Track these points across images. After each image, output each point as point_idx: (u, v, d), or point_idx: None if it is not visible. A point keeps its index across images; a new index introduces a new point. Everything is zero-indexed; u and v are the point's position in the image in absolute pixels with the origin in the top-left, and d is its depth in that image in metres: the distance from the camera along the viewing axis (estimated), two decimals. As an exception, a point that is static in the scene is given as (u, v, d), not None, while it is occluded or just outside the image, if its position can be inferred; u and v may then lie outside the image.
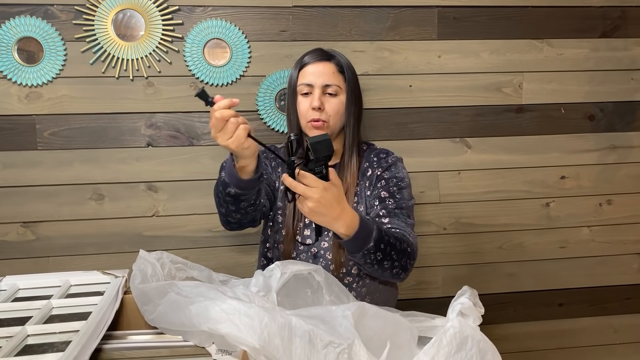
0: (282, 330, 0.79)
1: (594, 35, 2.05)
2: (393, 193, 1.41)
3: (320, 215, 1.10)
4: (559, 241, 2.11)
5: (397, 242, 1.24)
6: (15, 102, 1.81)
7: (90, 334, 0.80)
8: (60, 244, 1.87)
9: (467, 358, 0.93)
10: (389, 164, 1.49)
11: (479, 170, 2.04)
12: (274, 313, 0.81)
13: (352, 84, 1.49)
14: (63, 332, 0.86)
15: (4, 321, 0.93)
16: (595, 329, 2.17)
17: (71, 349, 0.74)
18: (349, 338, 0.81)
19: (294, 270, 1.04)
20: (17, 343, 0.81)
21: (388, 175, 1.46)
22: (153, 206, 1.90)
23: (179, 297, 0.86)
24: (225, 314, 0.80)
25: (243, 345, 0.78)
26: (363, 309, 0.92)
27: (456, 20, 1.98)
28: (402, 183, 1.45)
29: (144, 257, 1.04)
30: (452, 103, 2.00)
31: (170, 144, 1.89)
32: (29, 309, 0.97)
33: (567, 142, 2.07)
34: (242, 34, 1.88)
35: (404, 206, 1.39)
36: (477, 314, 1.04)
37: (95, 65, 1.83)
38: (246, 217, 1.35)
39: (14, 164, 1.82)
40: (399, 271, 1.27)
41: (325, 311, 0.90)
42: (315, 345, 0.79)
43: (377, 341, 0.90)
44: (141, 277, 0.96)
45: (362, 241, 1.17)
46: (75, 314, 0.95)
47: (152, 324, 0.92)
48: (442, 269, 2.06)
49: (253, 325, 0.78)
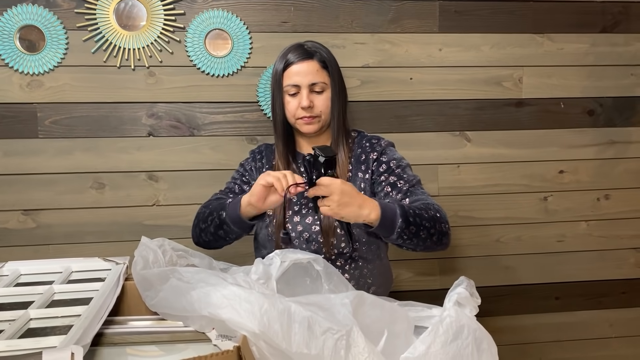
0: (282, 316, 0.80)
1: (595, 30, 2.05)
2: (400, 175, 1.45)
3: (348, 206, 1.17)
4: (557, 235, 2.13)
5: (422, 212, 1.28)
6: (16, 90, 1.81)
7: (92, 319, 0.81)
8: (61, 232, 1.88)
9: (463, 347, 0.94)
10: (383, 147, 1.52)
11: (478, 163, 2.05)
12: (274, 299, 0.82)
13: (336, 77, 1.51)
14: (65, 316, 0.87)
15: (7, 305, 0.94)
16: (591, 323, 2.19)
17: (73, 332, 0.75)
18: (348, 325, 0.82)
19: (293, 259, 1.05)
20: (20, 326, 0.82)
21: (386, 159, 1.49)
22: (153, 195, 1.91)
23: (181, 283, 0.87)
24: (226, 300, 0.81)
25: (243, 330, 0.79)
26: (362, 297, 0.93)
27: (457, 13, 1.98)
28: (402, 163, 1.49)
29: (146, 244, 1.05)
30: (452, 96, 2.01)
31: (171, 134, 1.90)
32: (32, 294, 0.98)
33: (566, 136, 2.08)
34: (244, 24, 1.88)
35: (414, 183, 1.44)
36: (473, 304, 1.05)
37: (96, 55, 1.84)
38: (218, 244, 1.48)
39: (15, 152, 1.83)
40: (439, 237, 1.31)
41: (324, 299, 0.91)
42: (314, 332, 0.80)
43: (375, 329, 0.91)
44: (143, 263, 0.97)
45: (391, 220, 1.23)
46: (77, 299, 0.97)
47: (153, 310, 0.93)
48: (440, 261, 2.08)
49: (253, 311, 0.79)
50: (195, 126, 1.91)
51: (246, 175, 1.59)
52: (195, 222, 1.49)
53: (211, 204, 1.47)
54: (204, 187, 1.92)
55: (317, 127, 1.48)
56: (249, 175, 1.59)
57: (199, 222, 1.46)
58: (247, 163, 1.62)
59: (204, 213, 1.45)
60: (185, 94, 1.89)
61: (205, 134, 1.92)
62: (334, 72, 1.50)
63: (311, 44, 1.53)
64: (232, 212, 1.34)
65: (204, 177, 1.92)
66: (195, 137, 1.91)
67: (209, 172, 1.93)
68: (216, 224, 1.38)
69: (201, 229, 1.45)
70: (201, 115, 1.91)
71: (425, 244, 1.30)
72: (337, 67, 1.53)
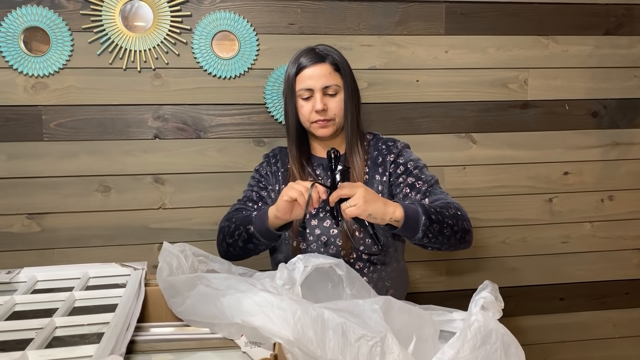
0: (315, 323, 0.79)
1: (599, 33, 2.06)
2: (418, 175, 1.46)
3: (373, 202, 1.19)
4: (561, 236, 2.13)
5: (444, 210, 1.30)
6: (21, 92, 1.79)
7: (122, 326, 0.80)
8: (66, 236, 1.86)
9: (491, 351, 0.94)
10: (399, 149, 1.53)
11: (484, 165, 2.05)
12: (306, 306, 0.81)
13: (349, 79, 1.51)
14: (91, 324, 0.86)
15: (29, 313, 0.92)
16: (594, 323, 2.20)
17: (106, 340, 0.74)
18: (381, 331, 0.81)
19: (316, 264, 1.04)
20: (47, 335, 0.81)
21: (403, 160, 1.50)
22: (159, 198, 1.89)
23: (209, 290, 0.86)
24: (258, 307, 0.80)
25: (277, 338, 0.78)
26: (389, 302, 0.92)
27: (463, 15, 1.98)
28: (419, 164, 1.50)
29: (169, 249, 1.03)
30: (459, 98, 2.01)
31: (177, 136, 1.88)
32: (52, 301, 0.97)
33: (570, 138, 2.09)
34: (251, 26, 1.87)
35: (432, 183, 1.45)
36: (498, 307, 1.05)
37: (102, 56, 1.82)
38: (248, 255, 1.47)
39: (19, 155, 1.80)
40: (462, 235, 1.33)
41: (353, 305, 0.90)
42: (348, 338, 0.79)
43: (404, 335, 0.91)
44: (168, 269, 0.96)
45: (415, 219, 1.24)
46: (100, 306, 0.95)
47: (180, 317, 0.92)
48: (446, 262, 2.08)
49: (286, 318, 0.78)
50: (202, 128, 1.89)
51: (262, 182, 1.58)
52: (220, 238, 1.47)
53: (234, 217, 1.46)
54: (211, 189, 1.91)
55: (331, 130, 1.48)
56: (266, 181, 1.58)
57: (225, 237, 1.44)
58: (262, 168, 1.61)
59: (229, 227, 1.43)
60: (191, 96, 1.88)
61: (212, 136, 1.90)
62: (346, 75, 1.50)
63: (323, 47, 1.52)
64: (260, 225, 1.34)
65: (211, 180, 1.91)
66: (202, 140, 1.90)
67: (216, 175, 1.91)
68: (244, 238, 1.37)
69: (228, 243, 1.43)
70: (208, 118, 1.89)
71: (449, 242, 1.31)
72: (350, 70, 1.52)
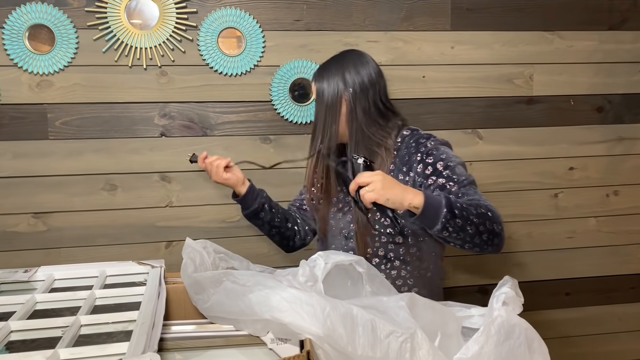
0: (345, 319, 0.78)
1: (603, 28, 2.07)
2: (448, 176, 1.32)
3: (392, 188, 1.15)
4: (567, 231, 2.14)
5: (471, 207, 1.20)
6: (26, 90, 1.77)
7: (149, 323, 0.79)
8: (72, 235, 1.84)
9: (515, 346, 0.94)
10: (429, 147, 1.38)
11: (490, 161, 2.05)
12: (335, 302, 0.80)
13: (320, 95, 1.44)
14: (116, 322, 0.85)
15: (51, 312, 0.91)
16: (600, 318, 2.21)
17: (136, 338, 0.73)
18: (410, 327, 0.81)
19: (336, 261, 1.03)
20: (74, 333, 0.80)
21: (432, 160, 1.35)
22: (166, 197, 1.88)
23: (236, 286, 0.85)
24: (287, 303, 0.79)
25: (307, 334, 0.77)
26: (414, 299, 0.92)
27: (469, 11, 1.98)
28: (451, 163, 1.34)
29: (191, 246, 1.02)
30: (465, 94, 2.01)
31: (183, 134, 1.87)
32: (73, 299, 0.96)
33: (575, 133, 2.10)
34: (257, 23, 1.86)
35: (465, 183, 1.31)
36: (518, 303, 1.05)
37: (107, 54, 1.80)
38: (277, 237, 1.65)
39: (24, 154, 1.79)
40: (490, 237, 1.22)
41: (378, 301, 0.90)
42: (378, 335, 0.79)
43: (428, 331, 0.90)
44: (193, 266, 0.95)
45: (435, 210, 1.15)
46: (121, 304, 0.94)
47: (205, 314, 0.91)
48: (452, 259, 2.08)
49: (316, 314, 0.78)
50: (208, 126, 1.88)
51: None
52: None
53: None
54: (217, 187, 1.90)
55: None
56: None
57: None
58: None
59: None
60: (197, 94, 1.87)
61: (218, 134, 1.89)
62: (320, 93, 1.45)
63: (321, 67, 1.49)
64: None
65: (218, 178, 1.90)
66: (208, 137, 1.89)
67: (223, 173, 1.90)
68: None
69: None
70: (214, 115, 1.88)
71: (473, 241, 1.21)
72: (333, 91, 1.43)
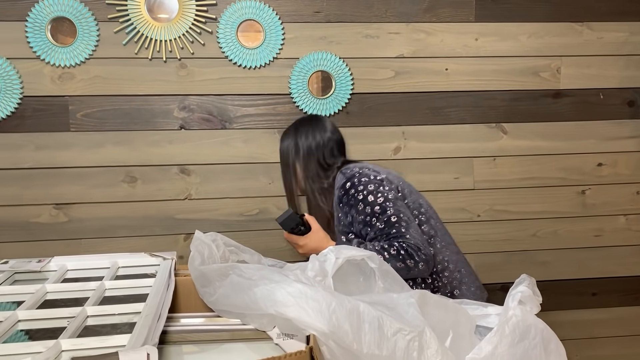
0: (351, 315, 0.76)
1: (635, 18, 1.99)
2: (372, 225, 1.40)
3: (315, 248, 1.40)
4: (594, 229, 2.08)
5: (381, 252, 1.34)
6: (48, 82, 1.79)
7: (153, 317, 0.78)
8: (92, 226, 1.86)
9: (530, 347, 0.90)
10: (343, 200, 1.46)
11: (515, 156, 2.00)
12: (341, 298, 0.78)
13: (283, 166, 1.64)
14: (122, 313, 0.84)
15: (60, 302, 0.91)
16: (628, 319, 2.14)
17: (138, 330, 0.72)
18: (419, 326, 0.78)
19: (348, 256, 1.01)
20: (79, 324, 0.79)
21: (357, 215, 1.43)
22: (185, 189, 1.89)
23: (242, 280, 0.84)
24: (292, 298, 0.77)
25: (311, 330, 0.76)
26: (425, 296, 0.89)
27: (494, 2, 1.93)
28: (368, 217, 1.40)
29: (200, 238, 1.02)
30: (489, 87, 1.96)
31: (203, 127, 1.87)
32: (83, 290, 0.96)
33: (605, 128, 2.03)
34: (276, 15, 1.85)
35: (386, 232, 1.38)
36: (536, 302, 1.01)
37: (128, 46, 1.81)
38: None
39: (46, 146, 1.81)
40: (407, 272, 1.33)
41: (387, 298, 0.87)
42: (385, 332, 0.76)
43: (439, 330, 0.87)
44: (200, 258, 0.94)
45: None
46: (130, 295, 0.94)
47: (211, 307, 0.90)
48: (475, 256, 2.03)
49: (321, 310, 0.76)
50: (227, 119, 1.88)
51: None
52: None
53: None
54: (236, 180, 1.89)
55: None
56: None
57: None
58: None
59: None
60: (217, 87, 1.86)
61: (237, 127, 1.88)
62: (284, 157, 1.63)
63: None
64: None
65: (236, 171, 1.89)
66: (227, 130, 1.88)
67: (241, 166, 1.90)
68: None
69: None
70: (233, 108, 1.88)
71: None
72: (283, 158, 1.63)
